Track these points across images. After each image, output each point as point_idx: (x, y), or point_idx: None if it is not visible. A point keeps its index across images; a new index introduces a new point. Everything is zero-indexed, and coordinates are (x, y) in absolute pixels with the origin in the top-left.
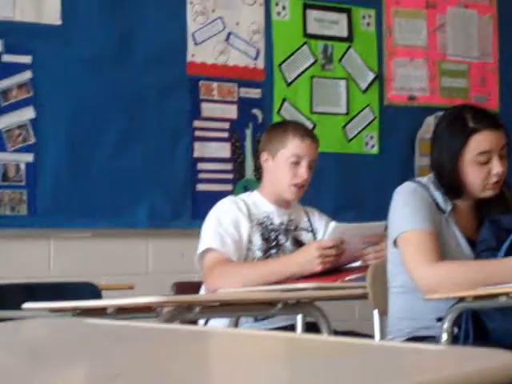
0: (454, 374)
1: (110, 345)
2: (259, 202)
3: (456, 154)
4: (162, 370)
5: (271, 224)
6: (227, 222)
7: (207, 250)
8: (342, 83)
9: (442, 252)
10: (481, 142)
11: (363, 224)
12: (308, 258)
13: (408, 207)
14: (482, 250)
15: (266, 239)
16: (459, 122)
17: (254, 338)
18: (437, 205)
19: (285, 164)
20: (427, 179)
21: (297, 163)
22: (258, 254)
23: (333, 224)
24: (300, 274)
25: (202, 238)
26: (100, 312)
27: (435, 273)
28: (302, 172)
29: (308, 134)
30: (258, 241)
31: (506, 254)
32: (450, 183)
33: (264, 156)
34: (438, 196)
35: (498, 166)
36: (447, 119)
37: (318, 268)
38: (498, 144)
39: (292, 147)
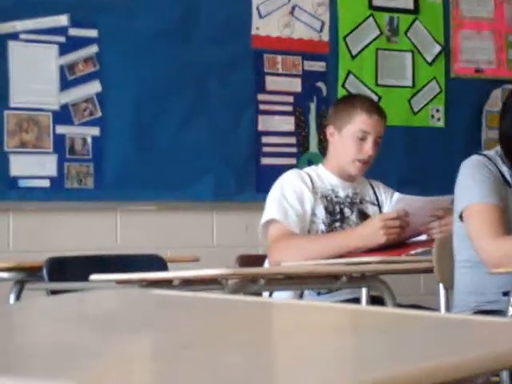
0: None
1: (177, 315)
2: (324, 175)
3: None
4: (229, 339)
5: (336, 197)
6: (291, 194)
7: (270, 221)
8: (408, 56)
9: (508, 225)
10: None
11: (429, 198)
12: (372, 231)
13: (474, 181)
14: None
15: (330, 212)
16: None
17: (318, 309)
18: (503, 178)
19: (351, 139)
20: (494, 152)
21: (363, 139)
22: (322, 226)
23: (397, 195)
24: (364, 247)
25: (265, 209)
26: (166, 284)
27: (499, 247)
28: (368, 148)
29: (376, 109)
30: (321, 213)
31: None
32: None
33: (330, 129)
34: (505, 169)
35: None
36: None
37: (383, 240)
38: None
39: (359, 123)
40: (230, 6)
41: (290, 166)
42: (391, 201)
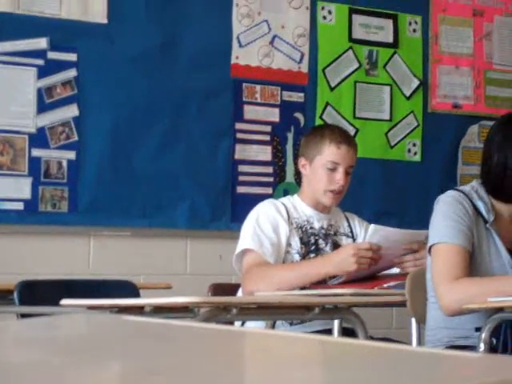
0: (491, 381)
1: (147, 342)
2: (299, 205)
3: None
4: (199, 367)
5: (311, 228)
6: (266, 224)
7: (245, 251)
8: (386, 89)
9: (483, 261)
10: None
11: (404, 230)
12: (343, 257)
13: (446, 218)
14: None
15: (304, 243)
16: None
17: (290, 339)
18: (479, 214)
19: (321, 170)
20: (470, 188)
21: (333, 169)
22: (297, 257)
23: (372, 226)
24: (335, 273)
25: (240, 239)
26: (137, 311)
27: (452, 292)
28: (339, 178)
29: (345, 140)
30: (296, 244)
31: None
32: None
33: (302, 161)
34: (481, 206)
35: None
36: (507, 123)
37: (353, 267)
38: None
39: (328, 154)
40: (210, 35)
41: (266, 196)
42: (366, 232)
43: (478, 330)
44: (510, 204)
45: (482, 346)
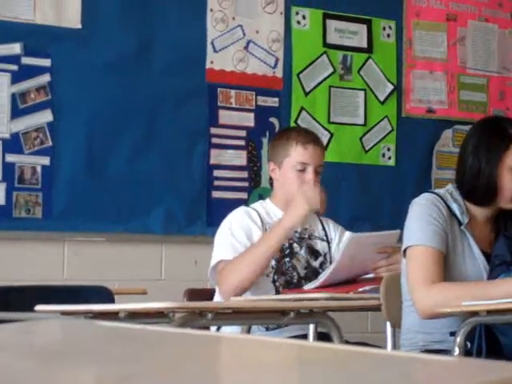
0: None
1: (121, 347)
2: (272, 210)
3: (497, 159)
4: (174, 373)
5: None
6: (240, 232)
7: (220, 262)
8: (361, 94)
9: (457, 264)
10: None
11: (377, 232)
12: (293, 206)
13: (421, 221)
14: (496, 264)
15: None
16: (498, 129)
17: (265, 344)
18: (454, 216)
19: (291, 172)
20: (445, 191)
21: (303, 170)
22: (272, 262)
23: (348, 234)
24: (292, 222)
25: (214, 250)
26: (112, 316)
27: (429, 296)
28: (310, 178)
29: (310, 139)
30: None
31: None
32: (486, 189)
33: (271, 166)
34: (456, 208)
35: None
36: (484, 127)
37: (305, 207)
38: None
39: (296, 155)
40: (184, 39)
41: (241, 201)
42: (342, 237)
43: (452, 334)
44: (483, 206)
45: (456, 350)
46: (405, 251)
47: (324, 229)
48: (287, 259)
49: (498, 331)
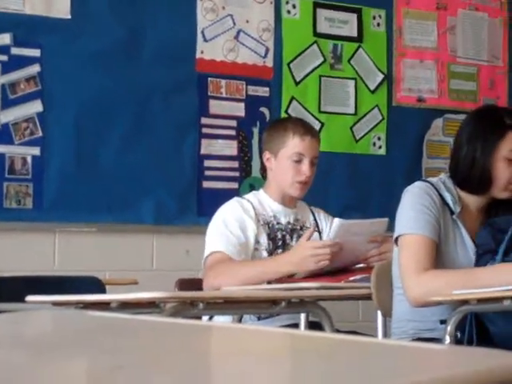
0: (456, 373)
1: (112, 337)
2: (265, 201)
3: (492, 147)
4: (164, 362)
5: (278, 223)
6: (233, 223)
7: (212, 253)
8: (351, 83)
9: (448, 252)
10: None
11: (366, 220)
12: (301, 258)
13: (413, 210)
14: (480, 253)
15: (272, 239)
16: (495, 117)
17: (256, 333)
18: (446, 205)
19: (287, 162)
20: (438, 179)
21: (299, 161)
22: (265, 254)
23: (337, 221)
24: (295, 272)
25: (207, 242)
26: (104, 307)
27: (419, 283)
28: (305, 169)
29: (308, 131)
30: (264, 241)
31: (504, 255)
32: (480, 177)
33: (266, 155)
34: (448, 197)
35: None
36: (480, 116)
37: (313, 267)
38: None
39: (292, 146)
40: (174, 29)
41: (232, 190)
42: (331, 227)
43: (442, 322)
44: (476, 195)
45: (447, 339)
46: (396, 239)
47: (315, 219)
48: (280, 251)
49: (487, 320)
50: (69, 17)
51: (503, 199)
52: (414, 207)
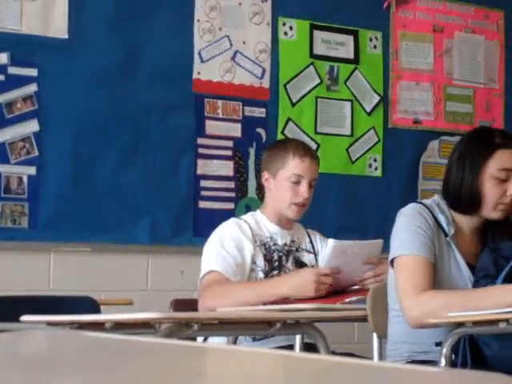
0: None
1: (107, 357)
2: (262, 222)
3: (480, 165)
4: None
5: (275, 245)
6: (230, 244)
7: (208, 273)
8: (347, 105)
9: (443, 275)
10: (505, 158)
11: (361, 242)
12: (303, 282)
13: (408, 230)
14: (480, 277)
15: (268, 260)
16: (486, 137)
17: (251, 355)
18: (440, 227)
19: (285, 183)
20: (432, 201)
21: (297, 182)
22: (261, 275)
23: (331, 242)
24: (292, 297)
25: (203, 262)
26: (98, 327)
27: (418, 304)
28: (303, 191)
29: (308, 153)
30: (261, 262)
31: (504, 282)
32: (469, 196)
33: (265, 175)
34: (442, 219)
35: None
36: (473, 136)
37: (311, 294)
38: None
39: (292, 167)
40: (171, 50)
41: (228, 211)
42: (326, 248)
43: (438, 344)
44: (468, 215)
45: (442, 361)
46: (392, 261)
47: (311, 241)
48: (276, 272)
49: (481, 343)
50: (66, 36)
51: (498, 221)
52: (408, 228)
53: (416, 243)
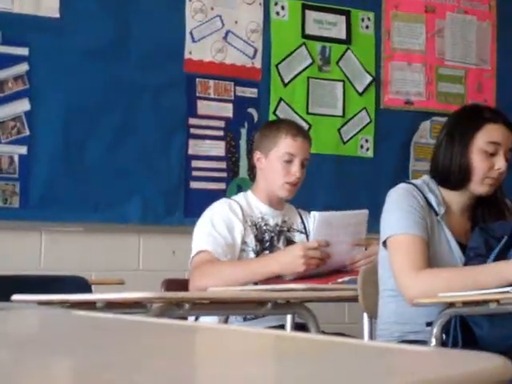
0: (442, 375)
1: (98, 337)
2: (253, 202)
3: (469, 138)
4: (150, 363)
5: (266, 225)
6: (221, 224)
7: (198, 253)
8: (339, 85)
9: (433, 254)
10: (494, 131)
11: (346, 212)
12: (292, 259)
13: (400, 210)
14: (471, 256)
15: (259, 240)
16: (475, 112)
17: (242, 334)
18: (430, 206)
19: (277, 162)
20: (421, 181)
21: (289, 161)
22: (252, 255)
23: (316, 214)
24: (282, 273)
25: (194, 242)
26: (89, 306)
27: (419, 283)
28: (295, 170)
29: (300, 132)
30: (251, 242)
31: (495, 261)
32: (459, 170)
33: (257, 155)
34: (432, 198)
35: (502, 162)
36: (462, 112)
37: (301, 269)
38: (508, 142)
39: (284, 146)
40: (163, 29)
41: (220, 191)
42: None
43: (428, 324)
44: (457, 190)
45: (433, 341)
46: (384, 242)
47: (303, 221)
48: (267, 252)
49: (472, 323)
50: (57, 16)
51: (487, 199)
52: (401, 208)
53: (410, 222)
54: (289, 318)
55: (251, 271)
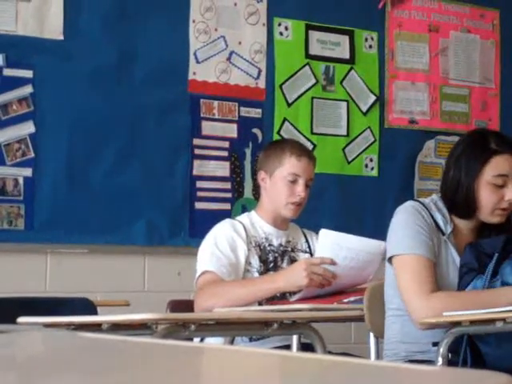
0: None
1: (103, 358)
2: (257, 222)
3: (476, 172)
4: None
5: (270, 245)
6: (224, 244)
7: (203, 273)
8: (343, 105)
9: (440, 274)
10: (501, 164)
11: (360, 238)
12: (294, 272)
13: (407, 229)
14: (464, 272)
15: (263, 261)
16: (482, 142)
17: (248, 355)
18: (437, 226)
19: (282, 182)
20: (429, 200)
21: (294, 182)
22: (256, 275)
23: (322, 230)
24: (286, 289)
25: (198, 262)
26: (95, 328)
27: (427, 306)
28: (299, 190)
29: (305, 152)
30: (256, 263)
31: (492, 276)
32: (465, 201)
33: (261, 174)
34: (439, 217)
35: (511, 192)
36: (469, 140)
37: (304, 282)
38: None
39: (289, 166)
40: (167, 50)
41: (225, 211)
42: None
43: (435, 344)
44: (464, 219)
45: (440, 361)
46: (390, 259)
47: (307, 241)
48: (271, 272)
49: (478, 339)
50: (61, 38)
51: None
52: (408, 226)
53: (417, 242)
54: (295, 338)
55: (256, 288)
